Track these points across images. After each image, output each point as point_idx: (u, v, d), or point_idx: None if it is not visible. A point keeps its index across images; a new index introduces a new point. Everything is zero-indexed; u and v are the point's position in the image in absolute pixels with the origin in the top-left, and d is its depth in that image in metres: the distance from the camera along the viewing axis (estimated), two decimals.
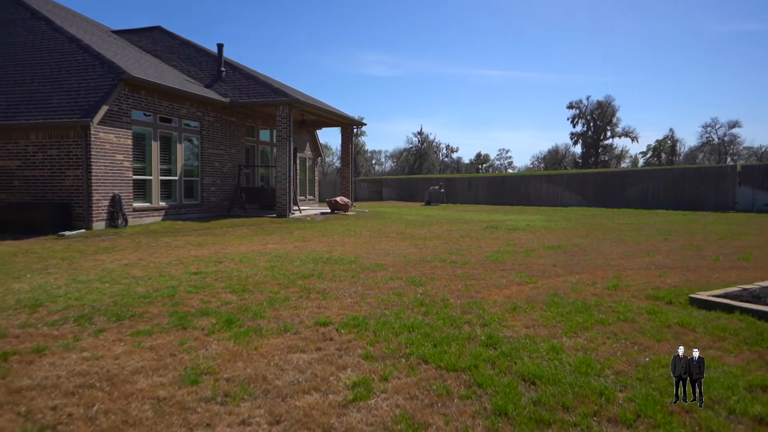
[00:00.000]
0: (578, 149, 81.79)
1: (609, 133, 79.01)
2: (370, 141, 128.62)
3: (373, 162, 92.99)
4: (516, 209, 26.40)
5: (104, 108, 12.94)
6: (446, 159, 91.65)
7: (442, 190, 32.78)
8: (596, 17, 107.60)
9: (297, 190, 20.84)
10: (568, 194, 30.15)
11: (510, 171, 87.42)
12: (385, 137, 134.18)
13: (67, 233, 11.93)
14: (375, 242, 11.10)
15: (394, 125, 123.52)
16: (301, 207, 20.78)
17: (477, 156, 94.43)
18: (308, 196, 25.31)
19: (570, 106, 79.63)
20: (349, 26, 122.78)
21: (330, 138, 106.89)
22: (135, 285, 6.25)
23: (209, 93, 17.35)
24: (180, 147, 16.20)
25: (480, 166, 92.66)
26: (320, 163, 28.61)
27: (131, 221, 13.96)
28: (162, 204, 15.46)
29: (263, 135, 21.35)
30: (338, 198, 20.69)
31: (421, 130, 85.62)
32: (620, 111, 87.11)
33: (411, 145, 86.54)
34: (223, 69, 18.86)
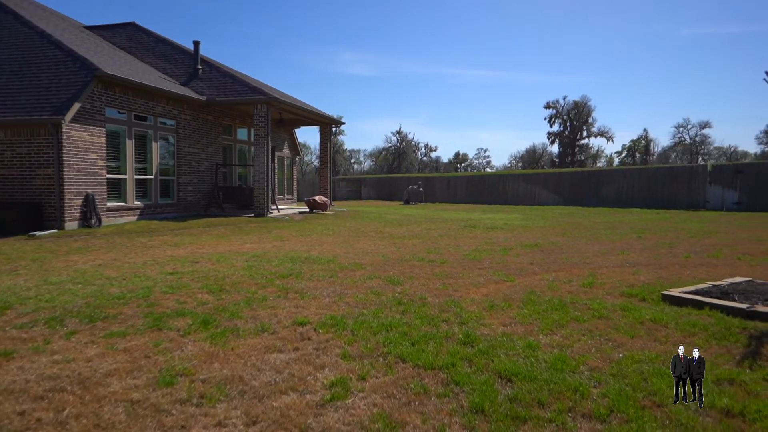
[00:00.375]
0: (555, 149, 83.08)
1: (585, 133, 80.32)
2: (349, 140, 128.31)
3: (352, 161, 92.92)
4: (494, 208, 26.62)
5: (77, 105, 12.67)
6: (425, 158, 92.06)
7: (421, 189, 32.90)
8: (573, 19, 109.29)
9: (275, 190, 20.70)
10: (545, 193, 30.52)
11: (488, 170, 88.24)
12: (364, 136, 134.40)
13: (38, 233, 11.64)
14: (353, 241, 11.08)
15: (374, 124, 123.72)
16: (280, 206, 20.65)
17: (456, 155, 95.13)
18: (287, 196, 25.15)
19: (547, 106, 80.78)
20: (330, 25, 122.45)
21: (309, 137, 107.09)
22: (109, 286, 6.13)
23: (185, 91, 17.11)
24: (155, 145, 15.94)
25: (459, 166, 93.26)
26: (299, 163, 28.44)
27: (105, 221, 13.69)
28: (137, 203, 15.20)
29: (241, 134, 21.15)
30: (317, 197, 20.61)
31: (400, 129, 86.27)
32: (596, 111, 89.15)
33: (390, 144, 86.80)
34: (200, 67, 18.62)
